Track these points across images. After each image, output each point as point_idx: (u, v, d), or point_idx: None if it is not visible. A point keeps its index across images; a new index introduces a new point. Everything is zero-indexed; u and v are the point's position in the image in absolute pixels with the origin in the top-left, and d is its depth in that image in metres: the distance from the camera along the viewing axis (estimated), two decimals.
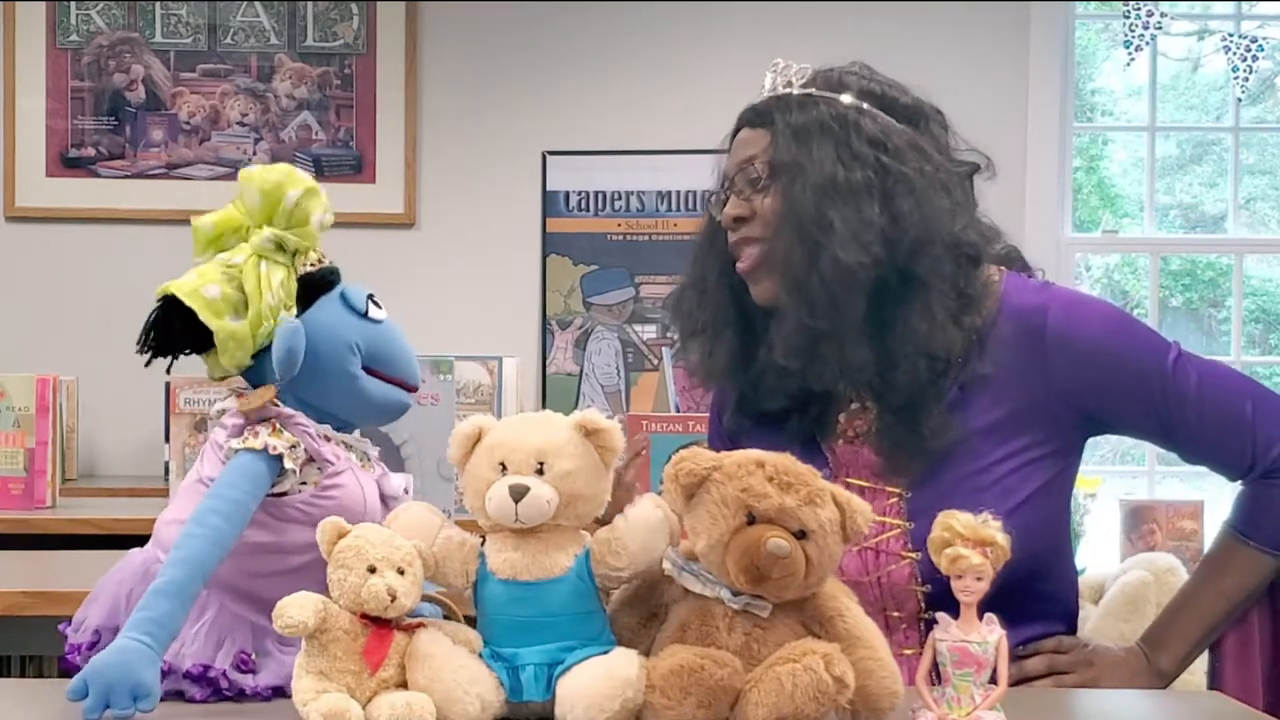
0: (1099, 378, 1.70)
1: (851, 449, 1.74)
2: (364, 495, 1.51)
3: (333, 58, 4.45)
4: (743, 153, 1.75)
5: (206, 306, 1.48)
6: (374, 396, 1.54)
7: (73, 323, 4.36)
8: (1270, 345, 5.07)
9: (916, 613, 1.68)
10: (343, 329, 1.53)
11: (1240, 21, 4.68)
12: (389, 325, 1.57)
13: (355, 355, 1.53)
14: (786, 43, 4.57)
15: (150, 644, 1.34)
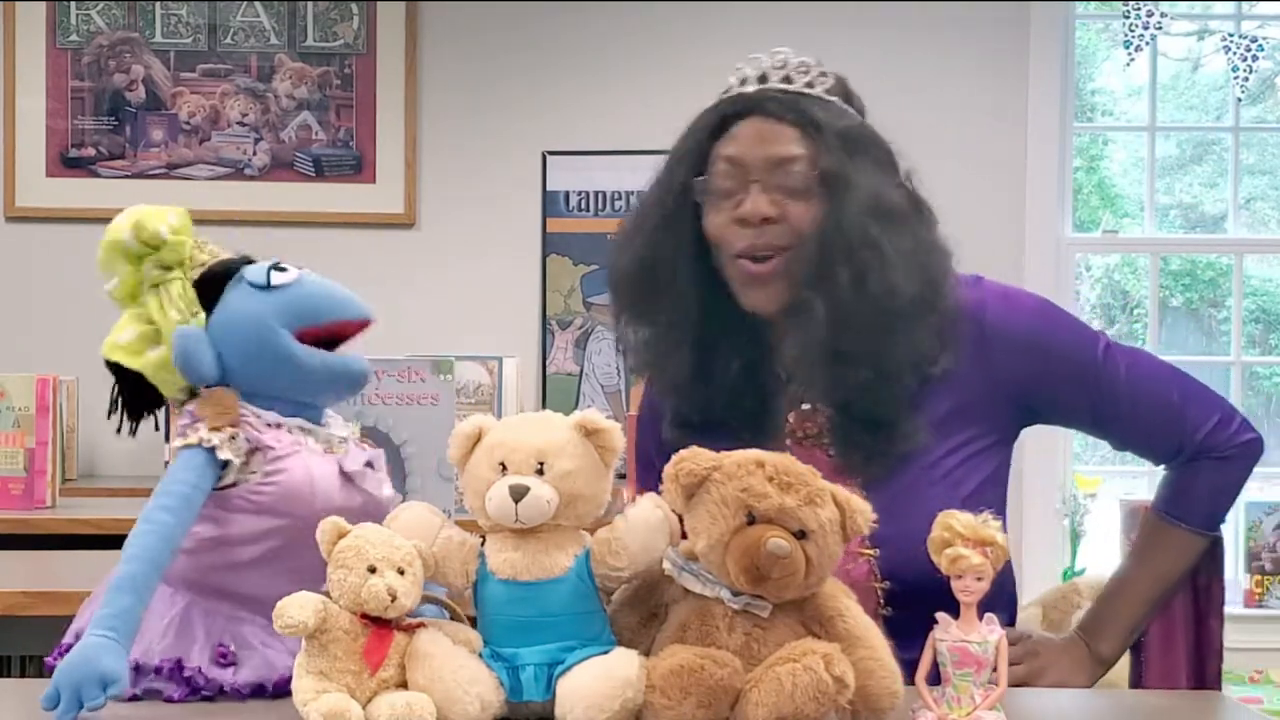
0: (1036, 367, 1.72)
1: (803, 450, 1.70)
2: (312, 477, 1.48)
3: (333, 58, 4.45)
4: (773, 149, 1.68)
5: (124, 352, 1.55)
6: (314, 367, 1.51)
7: (73, 323, 4.35)
8: (1270, 345, 5.07)
9: (875, 609, 1.67)
10: (253, 309, 1.51)
11: (1240, 21, 4.68)
12: (299, 281, 1.52)
13: (279, 328, 1.50)
14: (786, 43, 4.57)
15: (112, 636, 1.36)
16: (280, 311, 1.50)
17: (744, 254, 1.69)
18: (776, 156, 1.67)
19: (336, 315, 1.53)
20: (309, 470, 1.49)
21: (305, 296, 1.52)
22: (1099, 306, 5.18)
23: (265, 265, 1.53)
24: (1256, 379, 5.09)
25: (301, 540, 1.46)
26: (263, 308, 1.50)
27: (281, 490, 1.47)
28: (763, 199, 1.67)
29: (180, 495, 1.44)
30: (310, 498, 1.47)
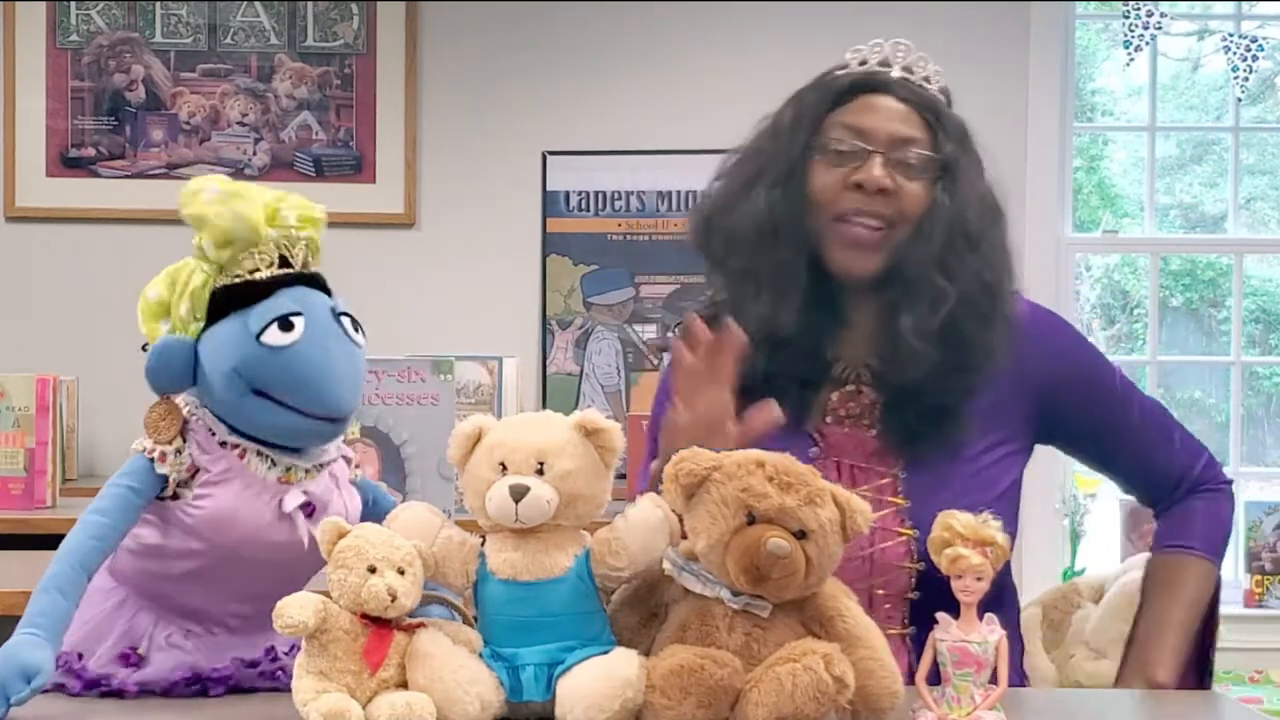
0: (1062, 380, 1.81)
1: (843, 430, 1.75)
2: (238, 512, 1.46)
3: (333, 58, 4.45)
4: (898, 128, 1.74)
5: (144, 309, 1.51)
6: (262, 422, 1.47)
7: (73, 323, 4.36)
8: (1270, 345, 5.07)
9: (904, 590, 1.70)
10: (226, 351, 1.46)
11: (1240, 21, 4.68)
12: (294, 352, 1.45)
13: (235, 381, 1.45)
14: (787, 43, 4.57)
15: (35, 633, 1.38)
16: (247, 368, 1.45)
17: (848, 216, 1.73)
18: (900, 135, 1.74)
19: (304, 405, 1.46)
20: (236, 502, 1.46)
21: (283, 371, 1.45)
22: (1099, 306, 5.18)
23: (273, 315, 1.46)
24: (1256, 379, 5.09)
25: (225, 566, 1.47)
26: (232, 358, 1.46)
27: (205, 515, 1.46)
28: (881, 170, 1.72)
29: (118, 496, 1.45)
30: (230, 529, 1.46)
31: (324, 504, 1.49)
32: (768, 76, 4.69)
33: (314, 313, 1.48)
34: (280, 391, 1.45)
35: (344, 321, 1.50)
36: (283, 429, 1.47)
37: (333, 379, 1.46)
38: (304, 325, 1.46)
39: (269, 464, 1.48)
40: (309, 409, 1.46)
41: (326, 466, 1.52)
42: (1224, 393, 4.85)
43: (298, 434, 1.48)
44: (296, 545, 1.46)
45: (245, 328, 1.45)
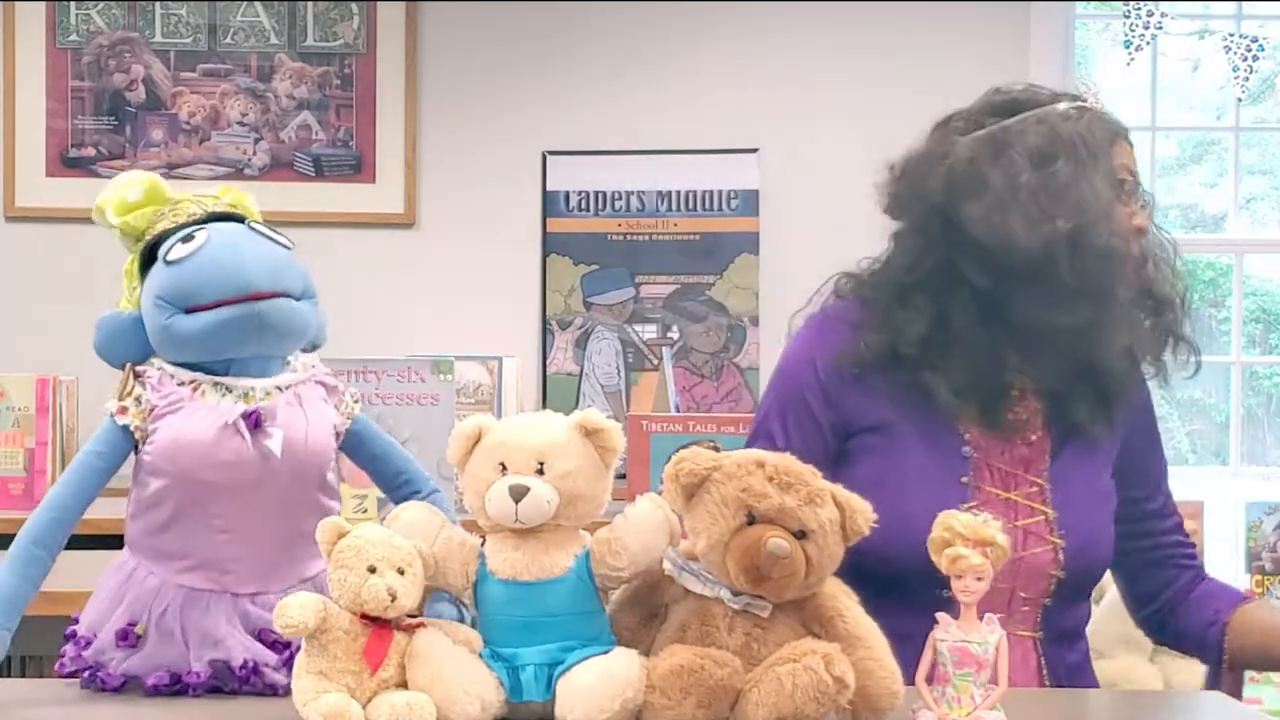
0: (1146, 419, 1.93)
1: (995, 437, 1.80)
2: (184, 431, 1.48)
3: (333, 58, 4.45)
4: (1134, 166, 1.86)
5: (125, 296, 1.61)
6: (189, 332, 1.50)
7: (73, 323, 4.34)
8: (1270, 345, 5.07)
9: (1042, 595, 1.76)
10: (149, 286, 1.53)
11: (1240, 21, 4.68)
12: (198, 255, 1.49)
13: (163, 308, 1.50)
14: (787, 43, 4.57)
15: None
16: (165, 288, 1.51)
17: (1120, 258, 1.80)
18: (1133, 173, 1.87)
19: (219, 295, 1.49)
20: (183, 426, 1.49)
21: (189, 274, 1.50)
22: None
23: (175, 237, 1.52)
24: (1256, 379, 5.09)
25: (194, 498, 1.49)
26: (152, 285, 1.52)
27: (158, 447, 1.49)
28: (1142, 214, 1.86)
29: (81, 465, 1.51)
30: (183, 451, 1.48)
31: (270, 413, 1.50)
32: (769, 77, 4.70)
33: (221, 228, 1.53)
34: (200, 296, 1.48)
35: (256, 227, 1.54)
36: (219, 332, 1.49)
37: (240, 260, 1.49)
38: (206, 234, 1.51)
39: (222, 392, 1.51)
40: (228, 295, 1.48)
41: (291, 388, 1.54)
42: (1224, 393, 4.85)
43: (232, 326, 1.49)
44: (254, 461, 1.47)
45: (157, 263, 1.52)
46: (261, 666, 1.49)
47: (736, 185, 4.38)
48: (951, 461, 1.78)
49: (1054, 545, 1.77)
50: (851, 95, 4.37)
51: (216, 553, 1.50)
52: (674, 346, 4.37)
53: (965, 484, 1.77)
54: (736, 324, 4.38)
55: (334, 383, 1.59)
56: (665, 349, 4.26)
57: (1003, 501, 1.76)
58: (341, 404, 1.58)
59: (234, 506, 1.48)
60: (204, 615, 1.50)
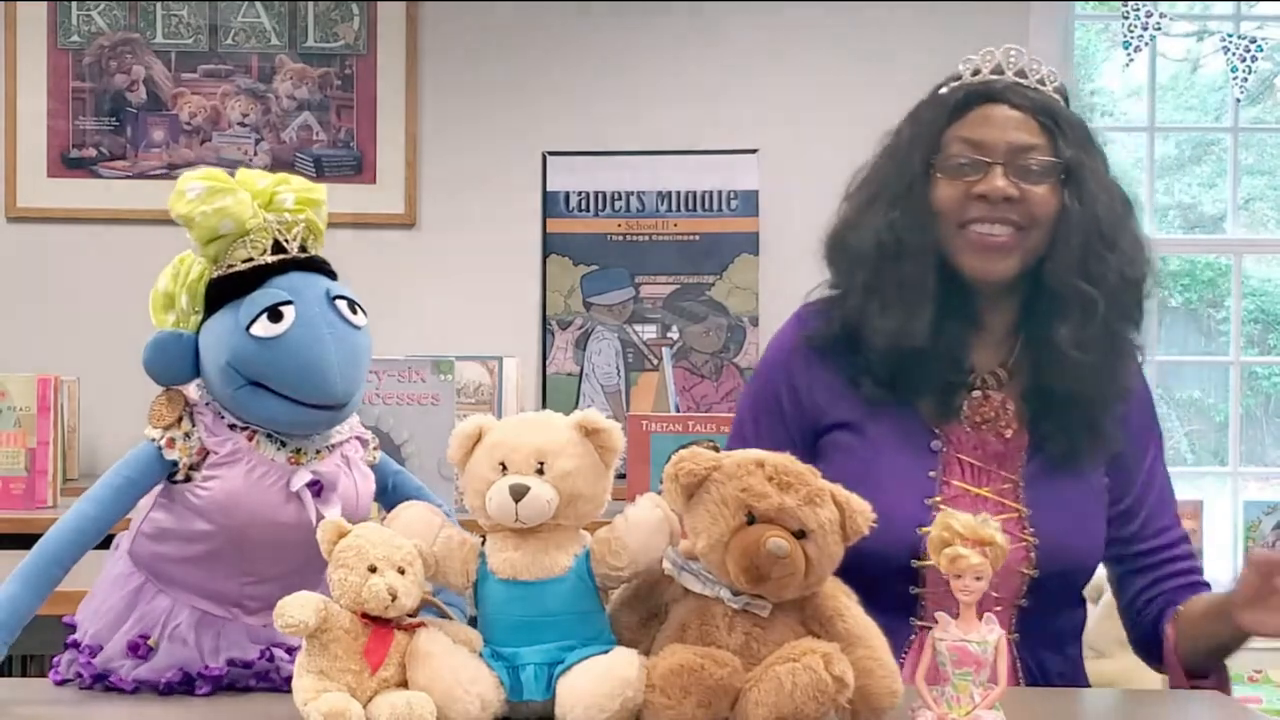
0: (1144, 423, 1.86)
1: (970, 431, 1.78)
2: (246, 491, 1.47)
3: (333, 58, 4.46)
4: (1015, 136, 1.75)
5: (153, 300, 1.53)
6: (259, 412, 1.48)
7: (74, 323, 4.36)
8: (1269, 345, 5.07)
9: (1015, 595, 1.73)
10: (219, 345, 1.47)
11: (1239, 22, 4.68)
12: (284, 341, 1.45)
13: (230, 374, 1.46)
14: (787, 43, 4.57)
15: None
16: (239, 359, 1.46)
17: (975, 222, 1.75)
18: (1018, 143, 1.75)
19: (297, 394, 1.46)
20: (244, 482, 1.47)
21: (270, 364, 1.45)
22: None
23: (261, 306, 1.46)
24: (1255, 379, 5.09)
25: (235, 547, 1.48)
26: (226, 347, 1.47)
27: (211, 497, 1.47)
28: (1003, 179, 1.73)
29: (113, 487, 1.47)
30: (238, 509, 1.47)
31: (332, 483, 1.50)
32: (769, 77, 4.70)
33: (306, 299, 1.47)
34: (274, 382, 1.45)
35: (339, 305, 1.49)
36: (281, 419, 1.48)
37: (325, 366, 1.45)
38: (294, 314, 1.45)
39: (278, 445, 1.50)
40: (303, 398, 1.46)
41: (338, 447, 1.53)
42: (1223, 393, 4.85)
43: (296, 423, 1.48)
44: (305, 525, 1.46)
45: (236, 321, 1.46)
46: (278, 659, 1.49)
47: (736, 185, 4.38)
48: (920, 456, 1.77)
49: (1026, 543, 1.73)
50: (851, 95, 4.37)
51: (239, 592, 1.51)
52: (674, 346, 4.38)
53: (932, 478, 1.76)
54: (736, 324, 4.38)
55: (367, 435, 1.60)
56: (665, 349, 4.26)
57: (972, 497, 1.73)
58: (368, 455, 1.59)
59: (273, 561, 1.48)
60: (216, 636, 1.50)
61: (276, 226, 1.51)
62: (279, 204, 1.53)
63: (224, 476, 1.47)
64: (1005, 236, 1.74)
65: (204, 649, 1.50)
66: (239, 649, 1.50)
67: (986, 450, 1.77)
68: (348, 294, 1.51)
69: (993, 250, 1.74)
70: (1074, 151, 1.75)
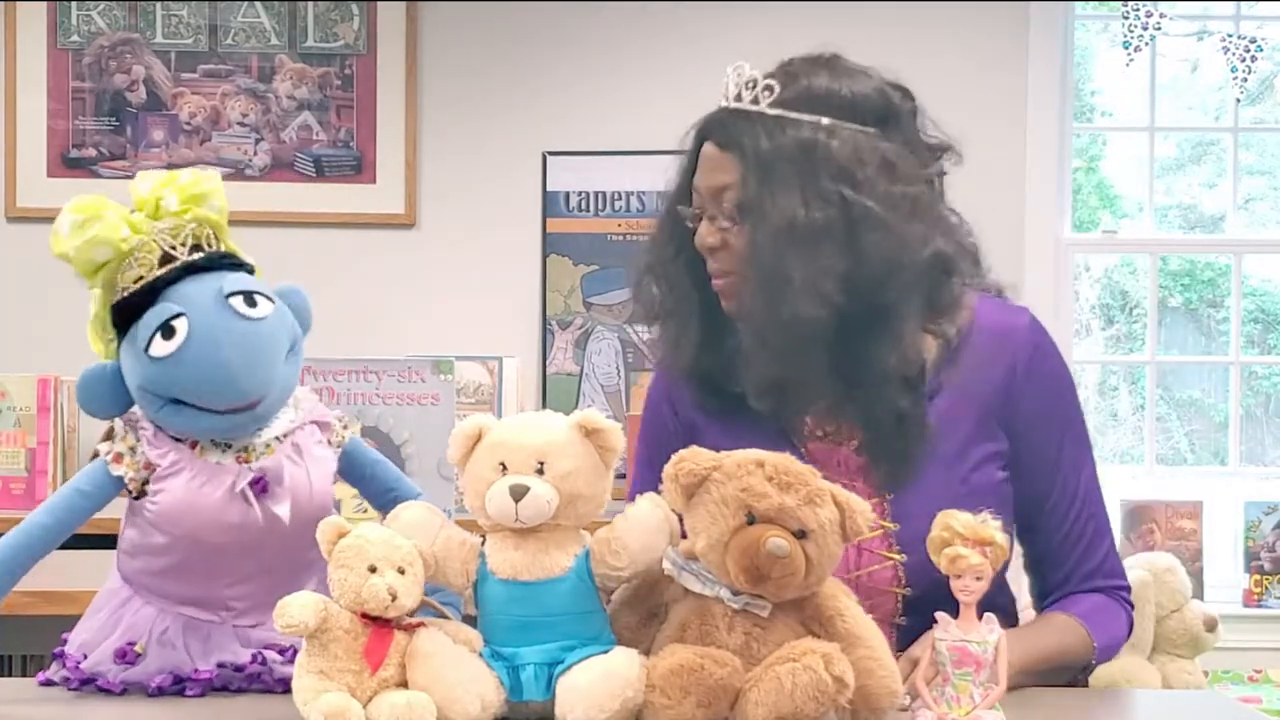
0: (1040, 400, 1.74)
1: (826, 448, 1.72)
2: (193, 498, 1.47)
3: (333, 58, 4.46)
4: (714, 178, 1.69)
5: (90, 329, 1.54)
6: (184, 428, 1.49)
7: (74, 323, 4.35)
8: (1269, 345, 5.07)
9: (891, 615, 1.66)
10: (131, 371, 1.48)
11: (1239, 22, 4.68)
12: (178, 357, 1.44)
13: (147, 399, 1.47)
14: (787, 43, 4.56)
15: None
16: (152, 385, 1.47)
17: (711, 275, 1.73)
18: (716, 186, 1.70)
19: (204, 403, 1.46)
20: (186, 491, 1.48)
21: (176, 380, 1.45)
22: (1098, 307, 5.18)
23: (154, 325, 1.45)
24: (1255, 379, 5.08)
25: (200, 554, 1.48)
26: (136, 373, 1.48)
27: (161, 509, 1.48)
28: (708, 228, 1.70)
29: (64, 498, 1.50)
30: (186, 516, 1.47)
31: (277, 477, 1.49)
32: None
33: (197, 306, 1.45)
34: (185, 396, 1.46)
35: (233, 303, 1.47)
36: (203, 429, 1.48)
37: (228, 372, 1.45)
38: (186, 326, 1.44)
39: (223, 448, 1.50)
40: (214, 406, 1.46)
41: (288, 438, 1.52)
42: (1223, 393, 4.85)
43: (219, 431, 1.48)
44: (254, 524, 1.47)
45: (135, 345, 1.46)
46: (270, 661, 1.50)
47: None
48: None
49: (893, 562, 1.66)
50: None
51: (219, 594, 1.51)
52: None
53: None
54: None
55: (327, 418, 1.58)
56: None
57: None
58: (334, 437, 1.58)
59: (240, 561, 1.49)
60: (205, 640, 1.51)
61: (160, 235, 1.49)
62: (165, 209, 1.50)
63: (168, 488, 1.48)
64: (720, 282, 1.71)
65: (193, 652, 1.50)
66: (229, 652, 1.50)
67: (849, 465, 1.71)
68: (244, 287, 1.48)
69: (724, 294, 1.71)
70: (750, 185, 1.65)
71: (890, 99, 1.73)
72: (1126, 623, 1.80)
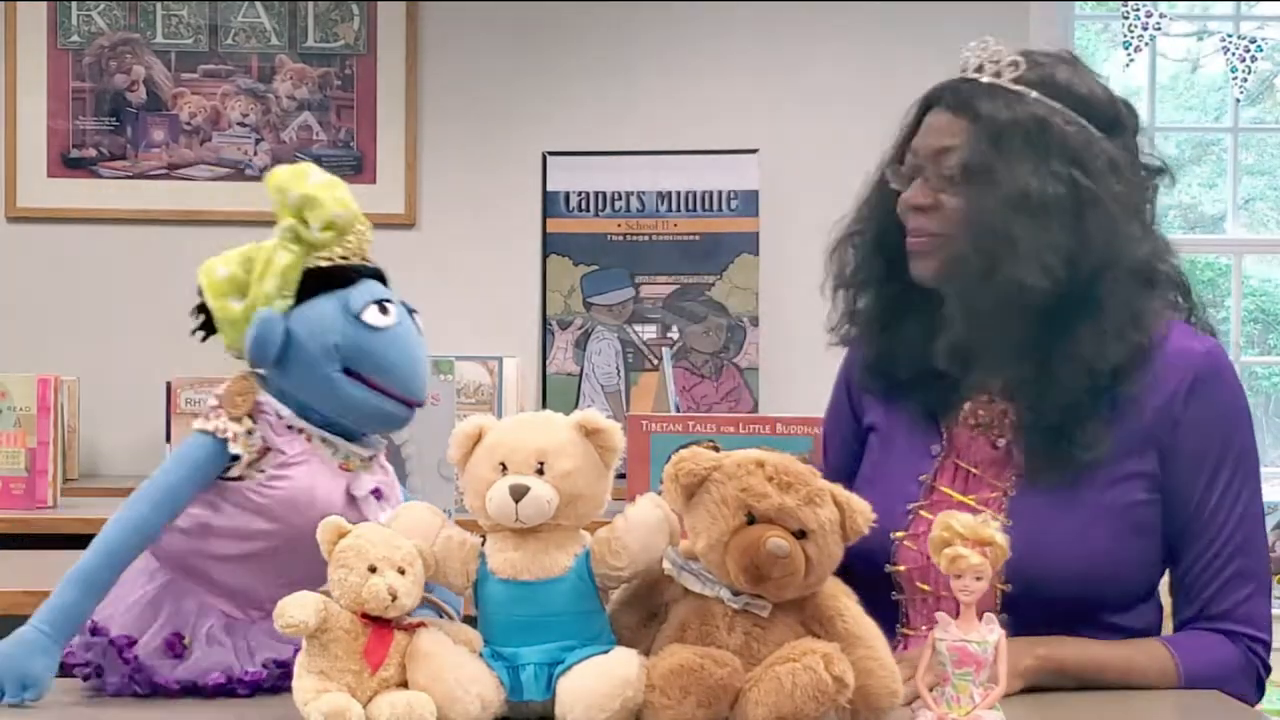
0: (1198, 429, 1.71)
1: (970, 435, 1.74)
2: (314, 490, 1.48)
3: (333, 58, 4.46)
4: (937, 140, 1.71)
5: (211, 286, 1.52)
6: (351, 401, 1.50)
7: (74, 323, 4.36)
8: (1269, 345, 5.08)
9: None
10: (326, 326, 1.50)
11: (1239, 22, 4.69)
12: (392, 334, 1.51)
13: (333, 356, 1.49)
14: (787, 43, 4.57)
15: (47, 631, 1.39)
16: (348, 344, 1.49)
17: (904, 227, 1.74)
18: (939, 147, 1.71)
19: (390, 386, 1.51)
20: (313, 483, 1.49)
21: (381, 353, 1.50)
22: None
23: (371, 297, 1.52)
24: (1255, 379, 5.09)
25: (291, 549, 1.47)
26: (333, 333, 1.49)
27: (281, 496, 1.48)
28: (920, 188, 1.72)
29: (167, 487, 1.46)
30: (308, 508, 1.46)
31: (390, 490, 1.54)
32: (769, 77, 4.70)
33: (404, 314, 1.55)
34: (372, 371, 1.50)
35: (416, 319, 1.56)
36: (368, 409, 1.51)
37: (421, 366, 1.53)
38: (396, 312, 1.52)
39: (332, 450, 1.52)
40: (397, 392, 1.51)
41: (375, 458, 1.56)
42: None
43: (381, 415, 1.52)
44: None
45: (346, 307, 1.50)
46: None
47: (736, 185, 4.38)
48: (919, 460, 1.76)
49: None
50: (851, 95, 4.38)
51: (273, 593, 1.47)
52: (674, 347, 4.38)
53: (921, 483, 1.73)
54: (736, 324, 4.39)
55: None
56: (665, 349, 4.26)
57: (955, 504, 1.68)
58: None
59: (315, 564, 1.48)
60: (246, 637, 1.50)
61: (363, 234, 1.58)
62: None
63: (294, 476, 1.48)
64: (919, 241, 1.72)
65: (238, 650, 1.49)
66: (270, 649, 1.49)
67: (982, 456, 1.74)
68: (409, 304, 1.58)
69: (915, 253, 1.73)
70: (980, 149, 1.67)
71: (1120, 109, 1.77)
72: (1240, 667, 1.72)
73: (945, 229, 1.70)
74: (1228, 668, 1.71)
